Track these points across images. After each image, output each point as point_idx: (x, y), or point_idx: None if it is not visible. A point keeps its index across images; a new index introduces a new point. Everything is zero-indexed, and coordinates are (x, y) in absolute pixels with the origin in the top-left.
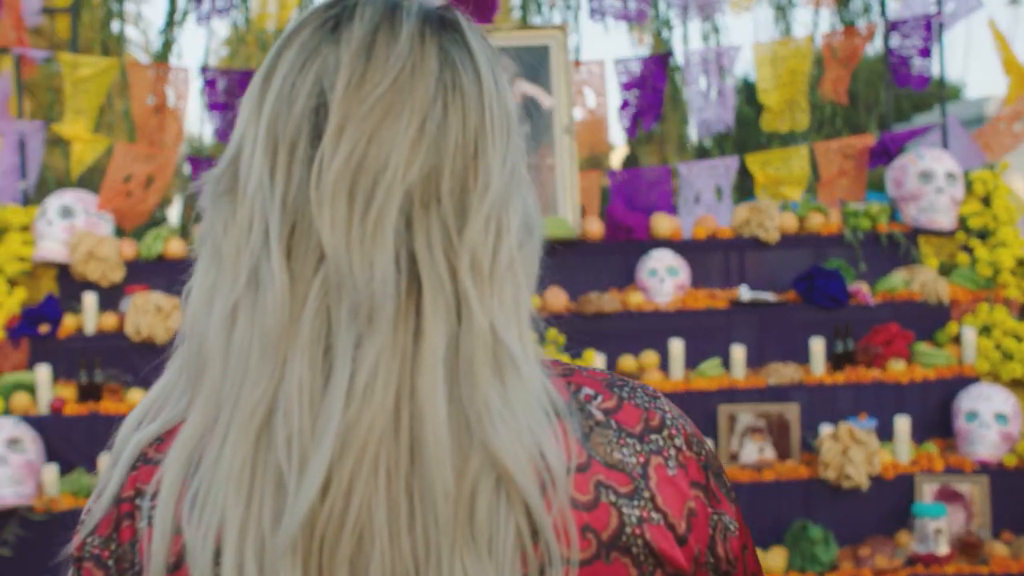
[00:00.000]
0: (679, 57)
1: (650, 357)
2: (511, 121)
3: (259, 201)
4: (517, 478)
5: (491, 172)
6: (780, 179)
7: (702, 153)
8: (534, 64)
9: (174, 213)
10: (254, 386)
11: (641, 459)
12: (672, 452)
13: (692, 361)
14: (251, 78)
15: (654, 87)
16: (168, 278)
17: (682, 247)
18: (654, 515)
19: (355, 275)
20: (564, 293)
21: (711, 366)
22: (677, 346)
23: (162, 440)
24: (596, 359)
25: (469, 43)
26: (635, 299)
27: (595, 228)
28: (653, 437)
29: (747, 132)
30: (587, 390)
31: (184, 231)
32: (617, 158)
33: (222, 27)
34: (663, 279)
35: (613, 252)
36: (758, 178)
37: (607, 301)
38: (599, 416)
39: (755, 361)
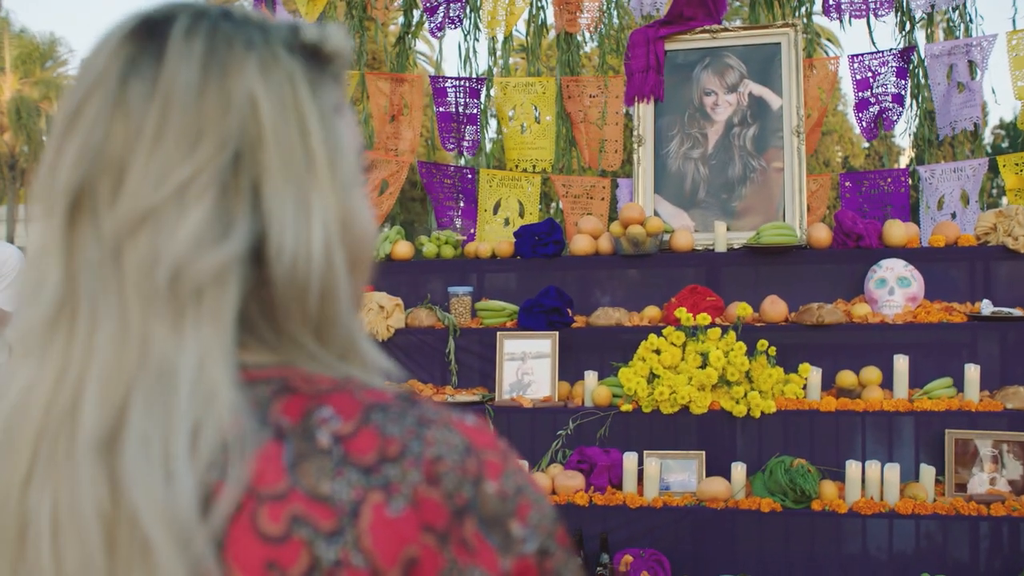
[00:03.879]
0: (922, 51)
1: (871, 374)
2: (230, 117)
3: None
4: (150, 534)
5: (144, 178)
6: None
7: (995, 151)
8: (763, 63)
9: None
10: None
11: (357, 494)
12: (404, 489)
13: (920, 380)
14: (482, 85)
15: (895, 85)
16: (392, 279)
17: (916, 256)
18: (356, 559)
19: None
20: (783, 302)
21: (940, 386)
22: (902, 363)
23: None
24: (812, 374)
25: (166, 44)
26: (860, 311)
27: (821, 235)
28: (385, 469)
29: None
30: (326, 411)
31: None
32: (903, 161)
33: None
34: (892, 290)
35: (840, 261)
36: (1011, 182)
37: (829, 312)
38: (324, 442)
39: (993, 383)
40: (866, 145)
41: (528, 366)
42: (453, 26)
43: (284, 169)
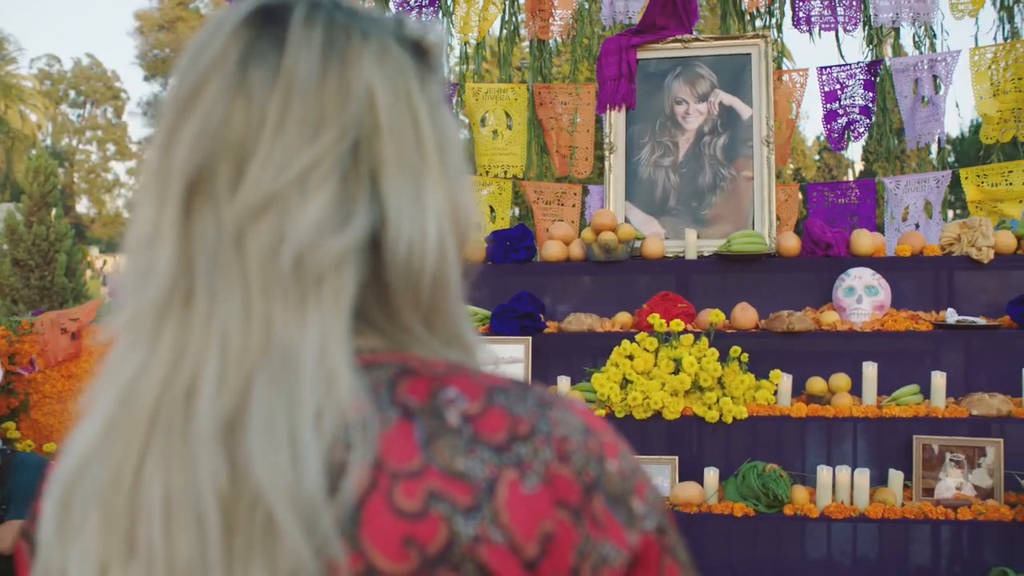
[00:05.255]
0: (889, 65)
1: (840, 380)
2: (349, 105)
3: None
4: (276, 510)
5: (267, 164)
6: (998, 195)
7: (955, 164)
8: (734, 73)
9: None
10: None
11: (491, 471)
12: (536, 466)
13: (887, 387)
14: (454, 91)
15: (863, 97)
16: None
17: (883, 265)
18: (495, 534)
19: (151, 268)
20: (753, 309)
21: (907, 393)
22: (870, 370)
23: None
24: (782, 380)
25: (286, 36)
26: (829, 318)
27: (791, 243)
28: (516, 447)
29: (962, 145)
30: (451, 392)
31: None
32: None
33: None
34: (860, 298)
35: (809, 269)
36: (973, 194)
37: (798, 319)
38: (453, 421)
39: (958, 390)
40: (817, 157)
41: (500, 371)
42: None
43: (400, 159)
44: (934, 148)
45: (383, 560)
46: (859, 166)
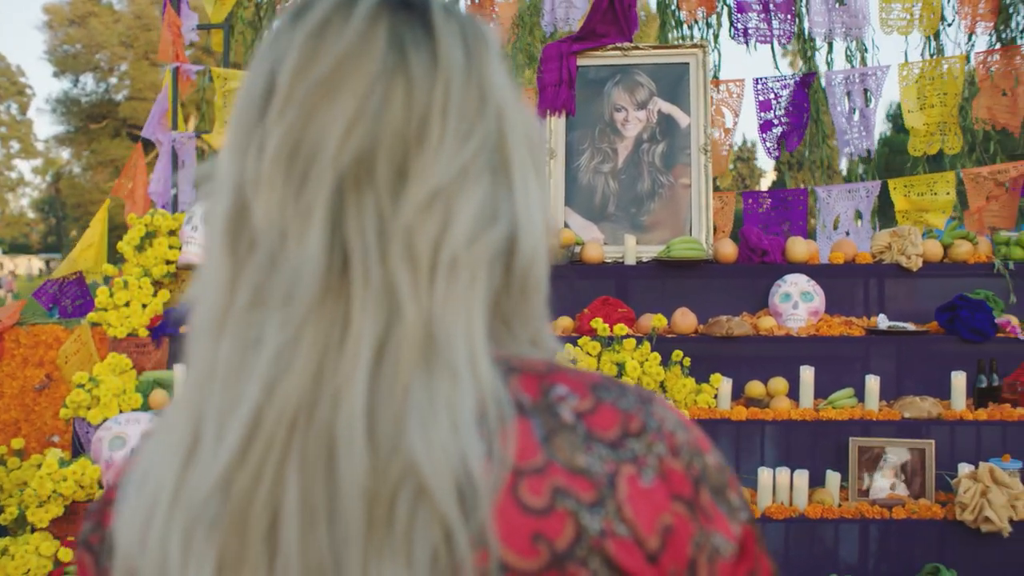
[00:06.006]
0: (823, 78)
1: (779, 384)
2: (488, 105)
3: (220, 185)
4: (433, 488)
5: (436, 156)
6: (923, 205)
7: (864, 179)
8: (672, 82)
9: None
10: (192, 367)
11: (610, 467)
12: (651, 461)
13: (824, 390)
14: None
15: (798, 108)
16: None
17: (818, 272)
18: (619, 528)
19: (287, 256)
20: (693, 315)
21: (843, 396)
22: (808, 374)
23: None
24: (722, 384)
25: (433, 24)
26: (766, 324)
27: (728, 250)
28: (630, 443)
29: (892, 157)
30: (561, 390)
31: None
32: (766, 183)
33: None
34: (796, 304)
35: (746, 275)
36: (900, 204)
37: (737, 324)
38: (568, 418)
39: (891, 393)
40: (731, 167)
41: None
42: None
43: (521, 161)
44: (842, 161)
45: (513, 556)
46: (772, 176)
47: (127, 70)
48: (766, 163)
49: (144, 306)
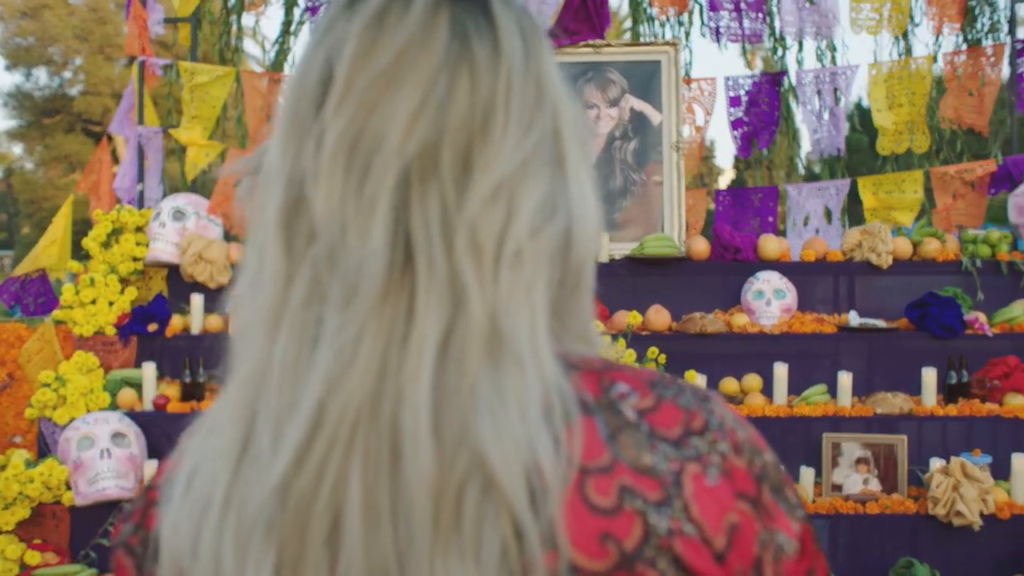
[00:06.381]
0: (793, 77)
1: (753, 381)
2: (545, 98)
3: (271, 179)
4: (502, 480)
5: (500, 148)
6: (892, 203)
7: (811, 176)
8: (644, 80)
9: None
10: (246, 364)
11: (675, 465)
12: (715, 459)
13: (797, 387)
14: None
15: (768, 106)
16: None
17: (790, 269)
18: (687, 527)
19: (348, 250)
20: (667, 312)
21: (816, 392)
22: (781, 370)
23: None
24: (698, 380)
25: (493, 14)
26: (740, 321)
27: (701, 247)
28: (693, 441)
29: (860, 156)
30: (622, 387)
31: None
32: (724, 181)
33: None
34: (769, 301)
35: (718, 272)
36: (869, 202)
37: (710, 322)
38: (630, 416)
39: (863, 389)
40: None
41: None
42: None
43: (576, 155)
44: (801, 160)
45: (582, 557)
46: (731, 174)
47: (82, 64)
48: (725, 161)
49: (111, 304)
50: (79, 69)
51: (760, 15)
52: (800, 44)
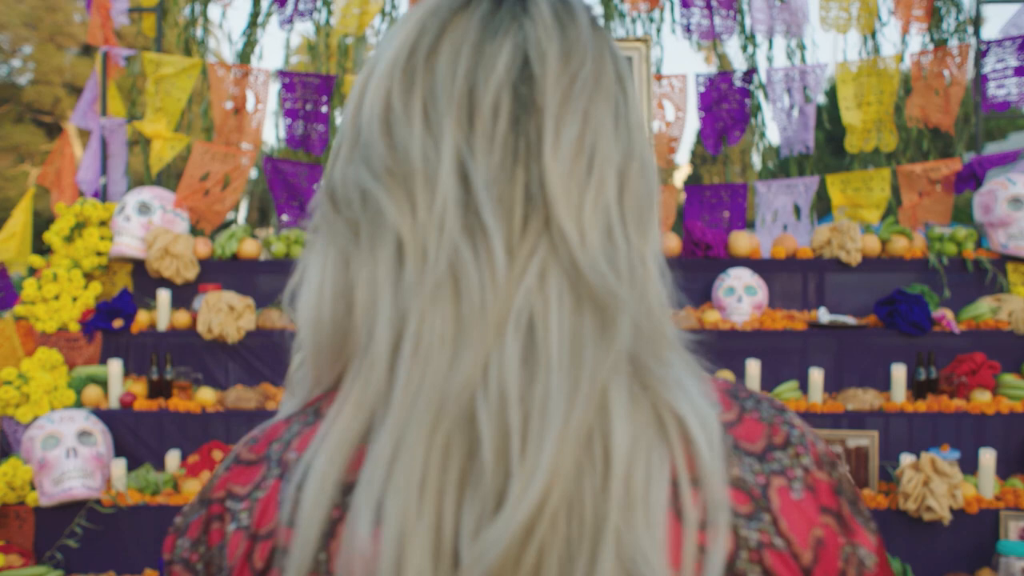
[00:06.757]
0: (763, 74)
1: (725, 377)
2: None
3: (453, 178)
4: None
5: (647, 157)
6: (859, 201)
7: (774, 173)
8: None
9: (241, 215)
10: (446, 379)
11: (761, 479)
12: (799, 473)
13: (768, 383)
14: (330, 83)
15: (739, 103)
16: (241, 278)
17: (761, 266)
18: (777, 541)
19: (591, 258)
20: None
21: (788, 389)
22: (754, 367)
23: (256, 441)
24: None
25: (578, 24)
26: (711, 317)
27: (671, 244)
28: (777, 455)
29: (827, 154)
30: None
31: (252, 232)
32: (679, 177)
33: (303, 31)
34: (740, 298)
35: (689, 269)
36: (836, 199)
37: (682, 319)
38: None
39: (833, 386)
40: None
41: None
42: (303, 19)
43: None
44: (755, 157)
45: (673, 569)
46: (687, 169)
47: (32, 53)
48: (681, 157)
49: (75, 299)
50: (28, 58)
51: (731, 12)
52: (770, 42)
